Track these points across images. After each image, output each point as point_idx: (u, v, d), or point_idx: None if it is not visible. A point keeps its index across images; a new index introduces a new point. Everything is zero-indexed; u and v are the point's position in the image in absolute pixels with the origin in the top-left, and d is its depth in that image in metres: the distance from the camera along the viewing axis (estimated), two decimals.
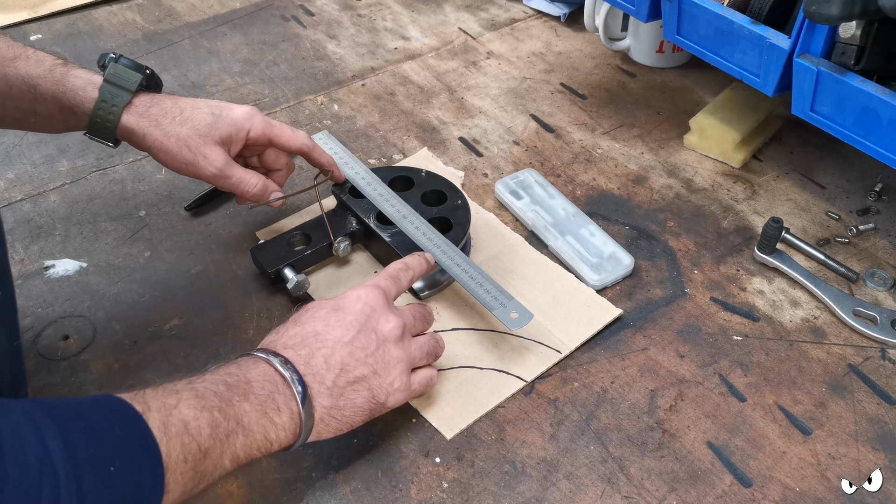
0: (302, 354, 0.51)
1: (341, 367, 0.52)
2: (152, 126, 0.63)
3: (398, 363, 0.54)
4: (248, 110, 0.67)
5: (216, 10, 1.10)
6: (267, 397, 0.48)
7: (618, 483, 0.56)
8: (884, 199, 0.79)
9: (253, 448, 0.47)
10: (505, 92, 0.95)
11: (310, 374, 0.51)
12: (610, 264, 0.71)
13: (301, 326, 0.53)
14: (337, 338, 0.52)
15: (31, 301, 0.69)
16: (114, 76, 0.62)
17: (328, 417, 0.51)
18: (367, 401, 0.53)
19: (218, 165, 0.65)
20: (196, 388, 0.46)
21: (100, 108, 0.62)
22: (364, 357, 0.53)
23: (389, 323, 0.55)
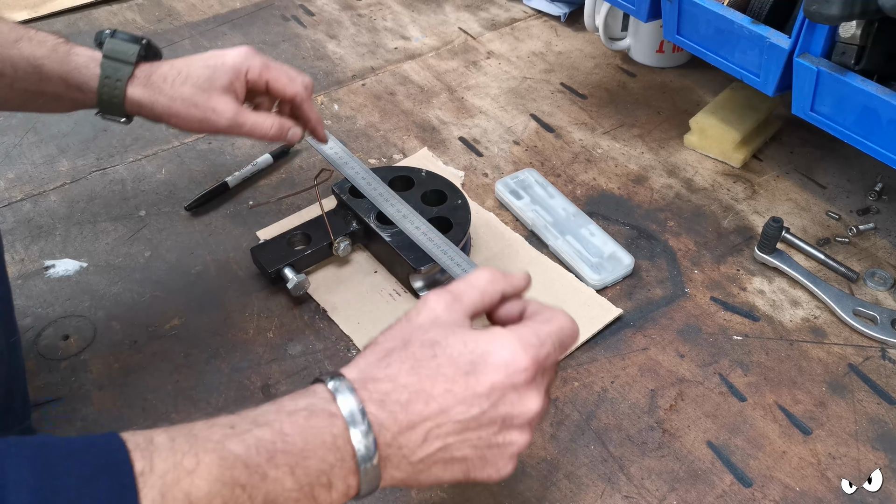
0: (399, 421, 0.39)
1: (442, 447, 0.40)
2: (157, 94, 0.62)
3: (512, 446, 0.42)
4: (242, 51, 0.65)
5: (216, 10, 1.10)
6: (320, 473, 0.38)
7: (618, 483, 0.56)
8: (884, 198, 0.79)
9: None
10: (505, 92, 0.95)
11: (396, 445, 0.39)
12: (610, 264, 0.71)
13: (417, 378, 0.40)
14: (453, 414, 0.40)
15: (31, 301, 0.69)
16: (112, 51, 0.61)
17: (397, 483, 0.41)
18: (454, 478, 0.42)
19: (228, 116, 0.63)
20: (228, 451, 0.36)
21: (104, 84, 0.61)
22: (476, 441, 0.41)
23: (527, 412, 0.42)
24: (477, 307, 0.45)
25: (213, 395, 0.61)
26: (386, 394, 0.39)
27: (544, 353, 0.42)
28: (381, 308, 0.68)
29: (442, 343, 0.41)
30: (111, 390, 0.62)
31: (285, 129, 0.65)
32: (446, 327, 0.42)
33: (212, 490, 0.34)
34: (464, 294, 0.44)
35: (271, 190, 0.81)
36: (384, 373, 0.40)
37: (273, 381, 0.62)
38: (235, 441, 0.36)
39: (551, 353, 0.43)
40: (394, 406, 0.39)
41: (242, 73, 0.64)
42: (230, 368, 0.63)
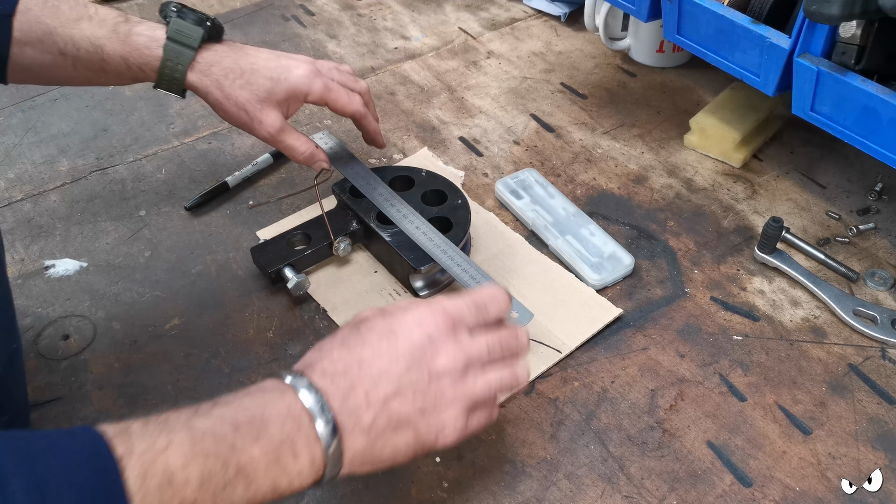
0: (341, 387, 0.44)
1: (383, 405, 0.44)
2: (213, 86, 0.64)
3: (453, 403, 0.46)
4: (306, 73, 0.66)
5: (216, 10, 1.10)
6: (284, 440, 0.41)
7: (618, 483, 0.56)
8: (884, 198, 0.79)
9: (256, 496, 0.41)
10: (505, 91, 0.95)
11: (345, 411, 0.43)
12: (610, 264, 0.71)
13: (348, 350, 0.46)
14: (383, 370, 0.45)
15: (31, 301, 0.69)
16: (177, 33, 0.63)
17: (360, 462, 0.45)
18: (409, 445, 0.46)
19: (272, 131, 0.66)
20: (195, 427, 0.39)
21: (165, 66, 0.63)
22: (412, 396, 0.45)
23: (447, 356, 0.46)
24: None
25: (213, 395, 0.61)
26: (324, 369, 0.45)
27: (454, 309, 0.48)
28: None
29: (365, 323, 0.47)
30: (111, 390, 0.62)
31: (315, 158, 0.69)
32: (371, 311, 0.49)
33: (187, 462, 0.38)
34: None
35: (271, 190, 0.81)
36: (319, 356, 0.46)
37: None
38: (201, 418, 0.40)
39: (465, 311, 0.48)
40: (333, 375, 0.44)
41: (302, 95, 0.67)
42: (230, 368, 0.63)
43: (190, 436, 0.39)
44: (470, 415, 0.47)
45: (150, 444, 0.37)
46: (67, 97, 0.93)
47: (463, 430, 0.47)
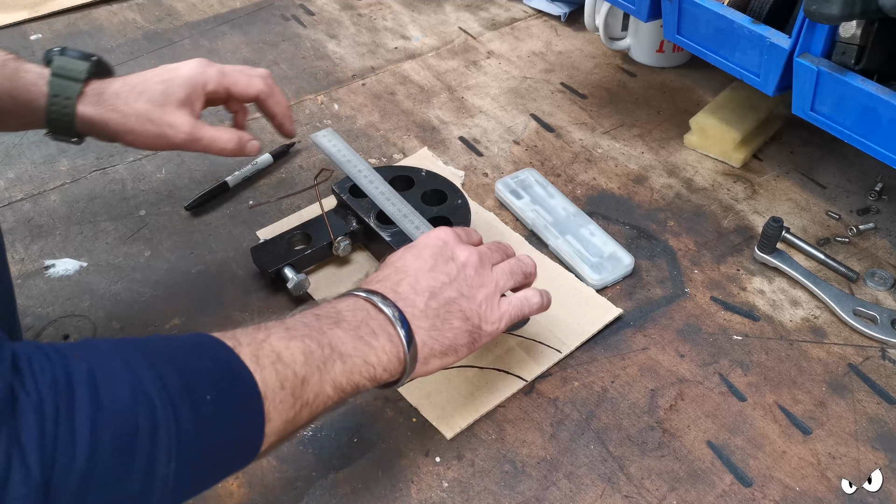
0: (387, 286, 0.52)
1: (430, 292, 0.52)
2: (109, 111, 0.61)
3: (481, 287, 0.55)
4: (196, 64, 0.65)
5: (216, 10, 1.10)
6: (360, 323, 0.49)
7: (618, 482, 0.56)
8: (884, 198, 0.79)
9: (355, 373, 0.47)
10: (505, 91, 0.95)
11: (400, 300, 0.51)
12: (610, 264, 0.71)
13: (380, 269, 0.55)
14: (418, 267, 0.54)
15: (32, 301, 0.69)
16: (60, 68, 0.60)
17: (429, 339, 0.51)
18: (463, 322, 0.53)
19: (186, 129, 0.62)
20: (285, 322, 0.47)
21: (53, 103, 0.59)
22: (448, 281, 0.54)
23: (463, 252, 0.56)
24: None
25: None
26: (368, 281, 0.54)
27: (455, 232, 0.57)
28: None
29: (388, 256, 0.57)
30: None
31: (244, 141, 0.65)
32: None
33: (288, 344, 0.45)
34: None
35: (271, 190, 0.81)
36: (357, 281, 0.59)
37: None
38: (289, 318, 0.48)
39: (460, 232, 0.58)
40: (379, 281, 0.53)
41: (200, 86, 0.64)
42: None
43: (284, 327, 0.46)
44: (501, 298, 0.56)
45: (253, 337, 0.44)
46: None
47: (499, 313, 0.55)
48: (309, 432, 0.59)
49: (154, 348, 0.40)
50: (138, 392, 0.36)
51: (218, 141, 0.64)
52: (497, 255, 0.59)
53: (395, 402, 0.61)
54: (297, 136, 0.76)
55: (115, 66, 0.99)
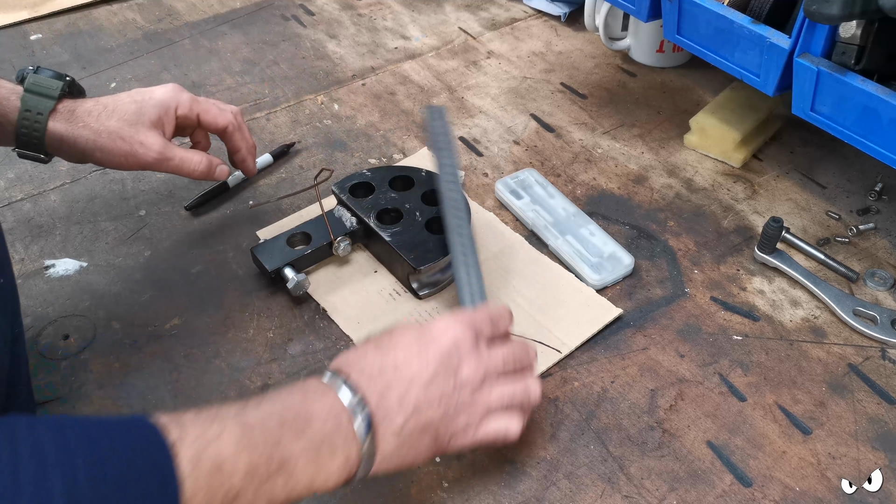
0: (377, 388, 0.47)
1: (414, 409, 0.47)
2: (80, 128, 0.62)
3: (470, 411, 0.50)
4: (170, 88, 0.67)
5: (216, 10, 1.10)
6: (325, 438, 0.44)
7: (618, 482, 0.56)
8: (884, 198, 0.79)
9: (293, 492, 0.43)
10: (505, 91, 0.95)
11: (381, 413, 0.46)
12: (610, 264, 0.71)
13: (382, 353, 0.49)
14: (415, 374, 0.48)
15: (32, 301, 0.69)
16: (34, 85, 0.61)
17: (387, 462, 0.47)
18: (429, 446, 0.49)
19: (157, 149, 0.64)
20: (245, 419, 0.42)
21: (24, 117, 0.60)
22: (438, 399, 0.48)
23: (470, 367, 0.50)
24: None
25: (213, 394, 0.61)
26: (361, 369, 0.48)
27: (478, 320, 0.52)
28: (380, 308, 0.68)
29: (398, 330, 0.51)
30: (111, 390, 0.62)
31: (213, 165, 0.68)
32: None
33: (236, 452, 0.40)
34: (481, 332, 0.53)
35: (271, 190, 0.81)
36: (356, 356, 0.49)
37: (273, 381, 0.62)
38: (250, 413, 0.43)
39: (484, 322, 0.53)
40: (370, 376, 0.47)
41: (172, 109, 0.66)
42: (230, 368, 0.63)
43: (240, 427, 0.41)
44: (482, 423, 0.51)
45: (203, 431, 0.40)
46: None
47: (473, 438, 0.51)
48: None
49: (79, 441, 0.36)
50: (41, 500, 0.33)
51: (188, 162, 0.66)
52: (509, 368, 0.53)
53: None
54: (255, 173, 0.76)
55: (115, 66, 1.00)
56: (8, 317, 0.52)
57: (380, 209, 0.70)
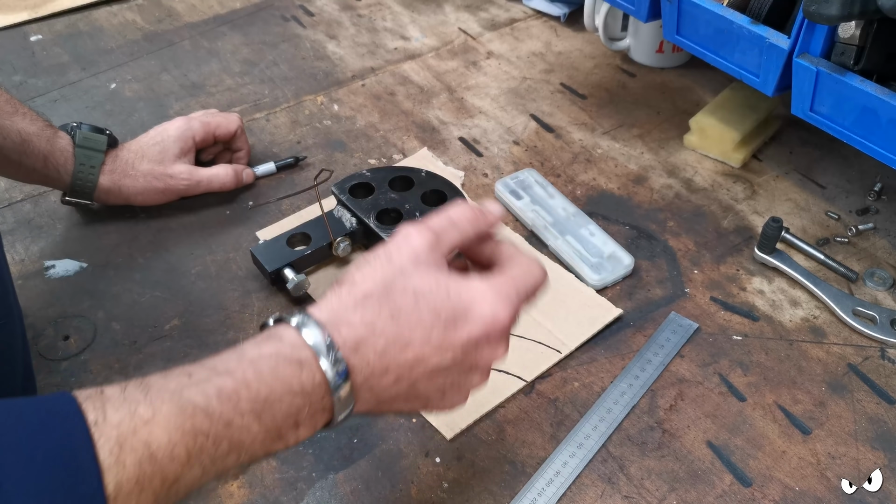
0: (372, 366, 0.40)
1: (410, 387, 0.41)
2: (122, 177, 0.72)
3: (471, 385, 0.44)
4: (182, 122, 0.75)
5: (216, 11, 1.10)
6: (288, 416, 0.37)
7: (618, 483, 0.56)
8: (883, 198, 0.79)
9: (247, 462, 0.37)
10: (505, 92, 0.95)
11: (366, 387, 0.40)
12: (610, 264, 0.71)
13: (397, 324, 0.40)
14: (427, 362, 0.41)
15: (32, 301, 0.69)
16: (84, 140, 0.70)
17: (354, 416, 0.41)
18: (411, 410, 0.44)
19: (185, 177, 0.74)
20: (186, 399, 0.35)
21: (79, 170, 0.69)
22: (441, 383, 0.42)
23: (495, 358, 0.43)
24: (454, 247, 0.45)
25: None
26: (361, 340, 0.39)
27: (520, 305, 0.43)
28: None
29: (425, 293, 0.41)
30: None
31: (239, 173, 0.77)
32: (428, 272, 0.41)
33: (172, 439, 0.34)
34: (445, 234, 0.44)
35: (271, 190, 0.81)
36: (360, 317, 0.40)
37: None
38: (194, 390, 0.35)
39: (523, 304, 0.44)
40: (368, 352, 0.39)
41: (189, 139, 0.75)
42: None
43: (178, 409, 0.34)
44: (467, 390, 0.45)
45: (130, 412, 0.33)
46: (67, 98, 0.93)
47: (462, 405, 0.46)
48: None
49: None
50: None
51: (216, 178, 0.76)
52: None
53: None
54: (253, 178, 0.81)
55: (115, 67, 1.00)
56: (5, 317, 0.52)
57: (379, 210, 0.70)
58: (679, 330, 0.66)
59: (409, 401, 0.42)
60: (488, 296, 0.42)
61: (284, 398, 0.37)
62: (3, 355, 0.53)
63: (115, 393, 0.34)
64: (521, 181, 0.79)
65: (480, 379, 0.45)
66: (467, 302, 0.41)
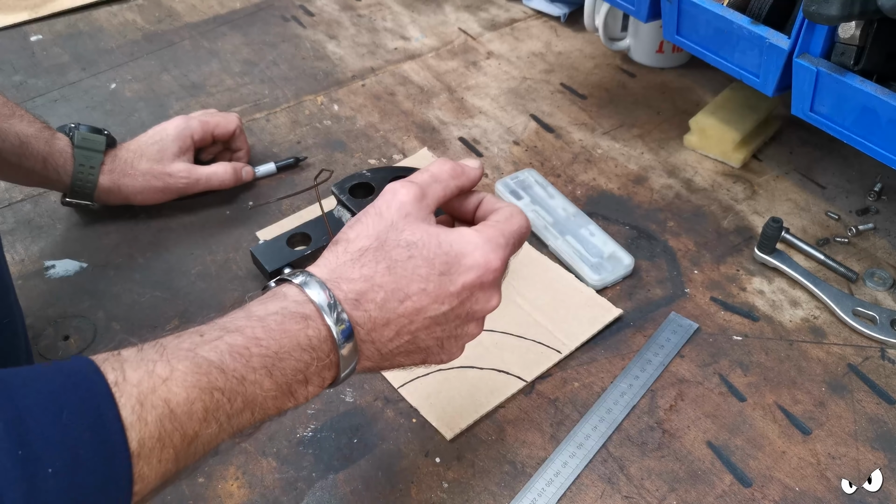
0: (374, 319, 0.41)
1: (410, 339, 0.42)
2: (121, 177, 0.71)
3: (468, 337, 0.46)
4: (180, 121, 0.75)
5: (216, 11, 1.10)
6: (297, 372, 0.39)
7: (618, 483, 0.56)
8: (883, 198, 0.79)
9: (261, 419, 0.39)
10: (505, 92, 0.95)
11: (368, 341, 0.41)
12: (610, 264, 0.71)
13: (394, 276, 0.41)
14: (426, 311, 0.42)
15: (32, 301, 0.69)
16: (83, 141, 0.70)
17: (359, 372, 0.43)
18: (412, 364, 0.45)
19: (184, 175, 0.73)
20: (201, 356, 0.36)
21: (79, 171, 0.69)
22: (440, 333, 0.44)
23: (489, 307, 0.45)
24: (439, 201, 0.46)
25: None
26: (361, 293, 0.41)
27: (509, 252, 0.45)
28: None
29: (418, 244, 0.42)
30: None
31: (238, 170, 0.77)
32: (418, 225, 0.43)
33: (190, 396, 0.35)
34: (430, 188, 0.45)
35: (271, 190, 0.81)
36: (359, 272, 0.41)
37: None
38: (207, 348, 0.37)
39: (512, 252, 0.45)
40: (369, 305, 0.41)
41: (188, 138, 0.74)
42: None
43: (194, 367, 0.36)
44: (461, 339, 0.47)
45: (148, 371, 0.34)
46: (67, 98, 0.93)
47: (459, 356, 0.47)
48: (309, 433, 0.59)
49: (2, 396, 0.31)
50: None
51: (215, 176, 0.75)
52: None
53: (395, 403, 0.61)
54: None
55: (115, 67, 1.00)
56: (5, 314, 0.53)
57: None
58: (679, 330, 0.66)
59: (409, 354, 0.44)
60: (479, 244, 0.43)
61: (293, 353, 0.39)
62: (7, 355, 0.53)
63: (132, 354, 0.35)
64: (521, 181, 0.79)
65: (476, 329, 0.46)
66: (459, 251, 0.43)
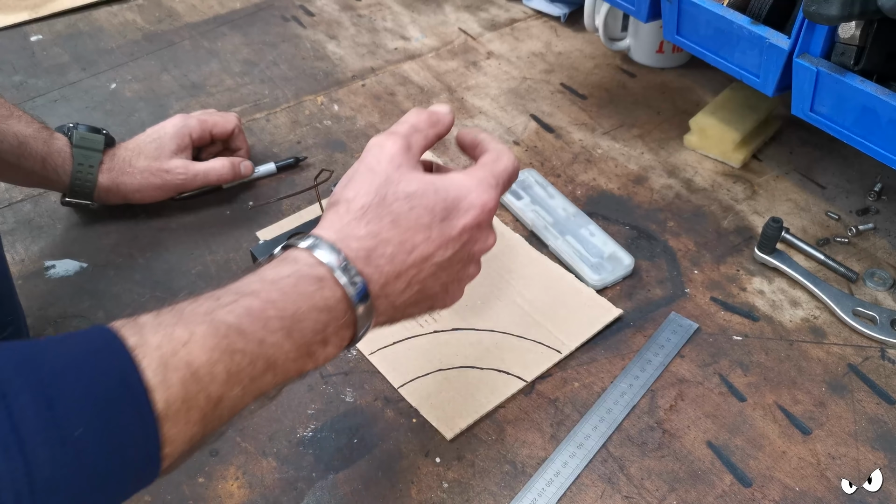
0: (386, 273, 0.42)
1: (419, 289, 0.44)
2: (120, 175, 0.72)
3: (468, 278, 0.48)
4: (178, 119, 0.75)
5: (216, 11, 1.10)
6: (315, 333, 0.39)
7: (618, 483, 0.56)
8: (883, 198, 0.79)
9: (282, 381, 0.39)
10: (505, 92, 0.95)
11: (382, 295, 0.42)
12: (610, 264, 0.71)
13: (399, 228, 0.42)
14: (432, 258, 0.43)
15: (32, 301, 0.69)
16: (81, 140, 0.70)
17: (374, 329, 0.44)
18: (420, 314, 0.47)
19: (181, 171, 0.73)
20: (219, 320, 0.36)
21: (78, 170, 0.70)
22: (445, 278, 0.45)
23: (487, 246, 0.47)
24: (423, 150, 0.47)
25: None
26: (371, 249, 0.42)
27: (501, 192, 0.46)
28: None
29: (417, 194, 0.43)
30: None
31: (236, 164, 0.77)
32: (411, 174, 0.44)
33: (211, 358, 0.35)
34: (412, 138, 0.47)
35: (271, 190, 0.81)
36: (365, 229, 0.42)
37: None
38: (224, 311, 0.37)
39: (503, 191, 0.47)
40: (379, 260, 0.42)
41: (186, 136, 0.75)
42: None
43: (213, 330, 0.36)
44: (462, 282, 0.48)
45: (167, 335, 0.34)
46: (67, 98, 0.93)
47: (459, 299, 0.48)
48: (309, 432, 0.59)
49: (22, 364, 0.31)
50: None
51: (213, 170, 0.75)
52: None
53: (395, 403, 0.61)
54: None
55: (115, 67, 1.00)
56: (5, 312, 0.53)
57: None
58: (679, 330, 0.66)
59: (418, 304, 0.45)
60: (472, 187, 0.45)
61: (310, 314, 0.39)
62: None
63: (150, 319, 0.35)
64: (522, 181, 0.79)
65: (475, 269, 0.48)
66: (456, 196, 0.44)
